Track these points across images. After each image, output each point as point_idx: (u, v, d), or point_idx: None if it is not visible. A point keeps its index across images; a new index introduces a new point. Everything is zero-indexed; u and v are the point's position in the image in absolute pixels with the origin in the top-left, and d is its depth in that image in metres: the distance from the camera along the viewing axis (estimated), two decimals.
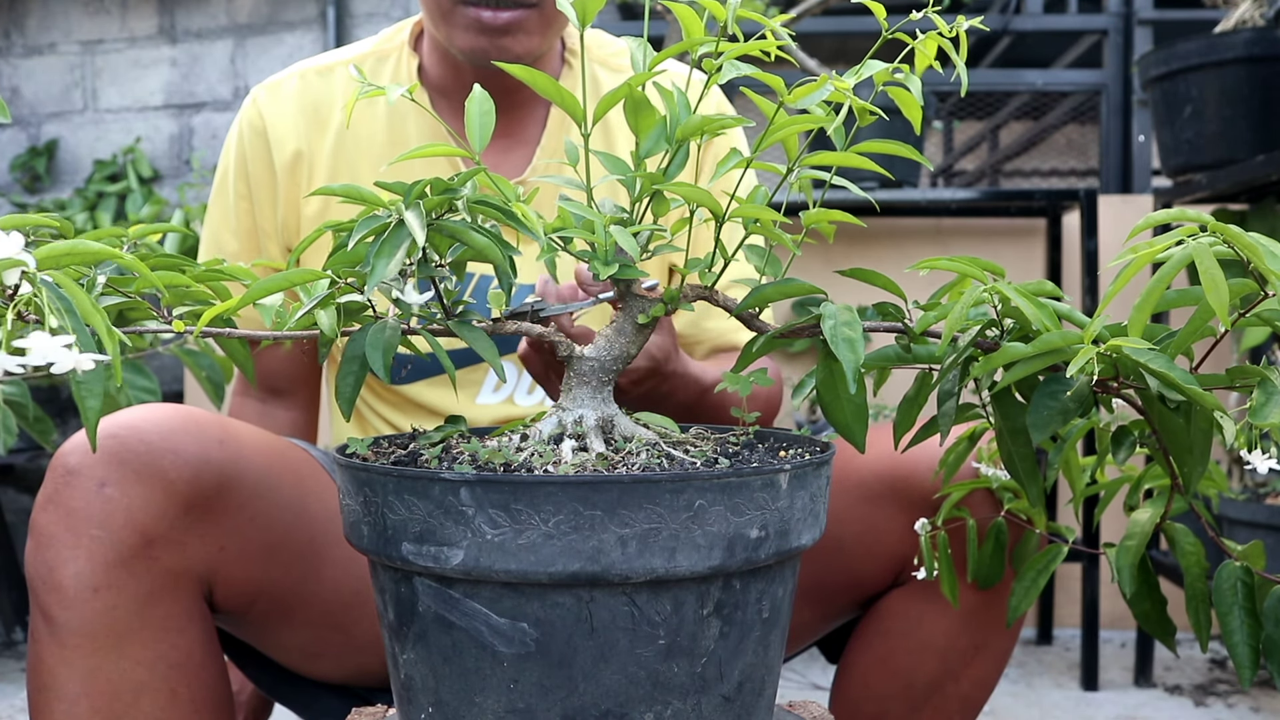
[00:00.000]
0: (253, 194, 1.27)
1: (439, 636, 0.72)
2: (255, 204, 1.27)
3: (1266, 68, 2.14)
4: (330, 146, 1.26)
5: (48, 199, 3.33)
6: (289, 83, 1.28)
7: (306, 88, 1.27)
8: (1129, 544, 0.87)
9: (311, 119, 1.26)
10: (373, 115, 1.26)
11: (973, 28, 0.76)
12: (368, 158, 1.25)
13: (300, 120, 1.26)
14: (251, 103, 1.28)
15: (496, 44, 1.16)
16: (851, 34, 3.30)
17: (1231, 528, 2.00)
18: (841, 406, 0.75)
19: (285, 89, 1.28)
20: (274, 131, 1.26)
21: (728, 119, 0.72)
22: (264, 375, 1.35)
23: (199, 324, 0.73)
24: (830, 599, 1.17)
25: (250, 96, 1.29)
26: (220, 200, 1.30)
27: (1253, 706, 2.18)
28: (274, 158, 1.26)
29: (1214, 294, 0.63)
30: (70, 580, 0.90)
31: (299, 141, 1.26)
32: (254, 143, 1.27)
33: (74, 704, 0.91)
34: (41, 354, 0.56)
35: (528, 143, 1.28)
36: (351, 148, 1.25)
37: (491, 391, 1.25)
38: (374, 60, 1.29)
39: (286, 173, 1.26)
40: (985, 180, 4.57)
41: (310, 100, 1.27)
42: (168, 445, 0.93)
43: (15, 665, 2.58)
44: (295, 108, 1.27)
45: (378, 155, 1.25)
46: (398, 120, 1.25)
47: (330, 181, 1.25)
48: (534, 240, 0.72)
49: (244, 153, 1.28)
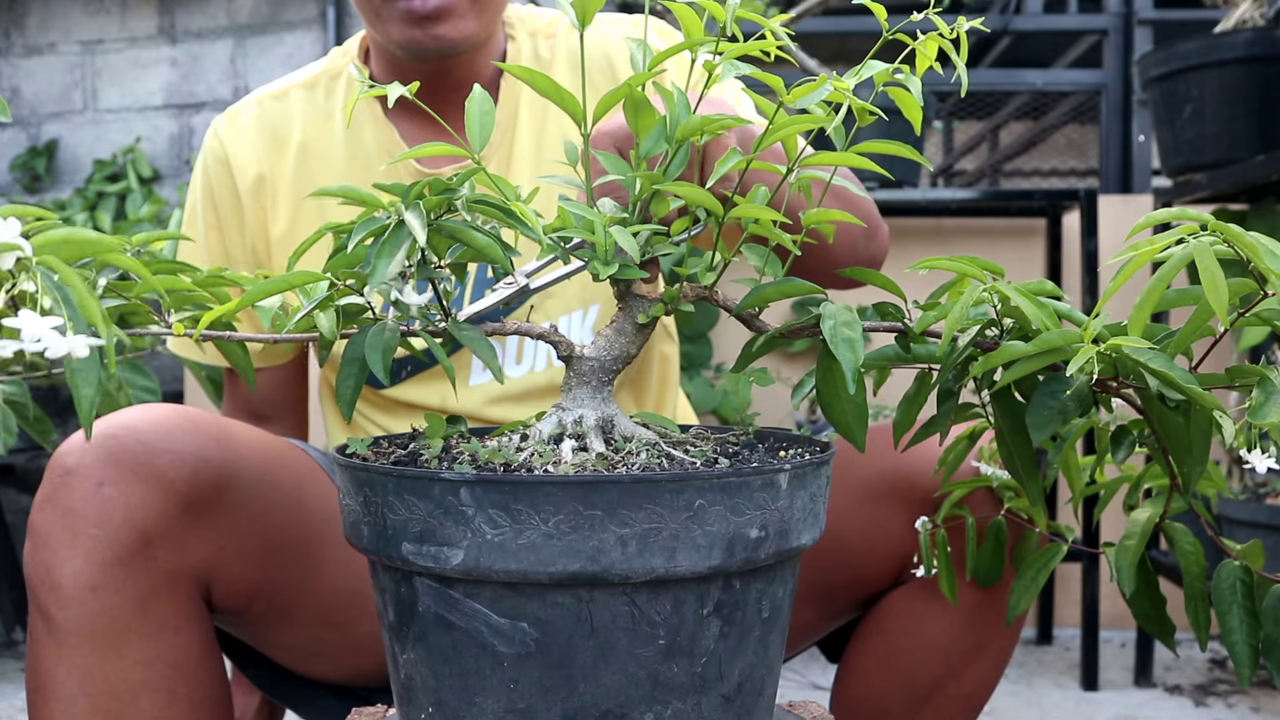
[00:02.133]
0: (221, 223, 1.29)
1: (439, 636, 0.72)
2: (224, 232, 1.29)
3: (1266, 68, 2.14)
4: (291, 167, 1.26)
5: (48, 199, 3.33)
6: (246, 110, 1.30)
7: (264, 113, 1.29)
8: (1128, 544, 0.87)
9: (270, 143, 1.27)
10: (330, 131, 1.26)
11: (973, 28, 0.76)
12: (329, 173, 1.26)
13: (260, 145, 1.27)
14: (213, 134, 1.30)
15: (430, 33, 1.16)
16: (851, 34, 3.30)
17: (1232, 527, 2.00)
18: (841, 406, 0.75)
19: (243, 117, 1.29)
20: (235, 159, 1.27)
21: (728, 119, 0.72)
22: (249, 401, 1.35)
23: (199, 327, 0.73)
24: (831, 598, 1.17)
25: (210, 129, 1.31)
26: (190, 231, 1.31)
27: (1253, 706, 2.18)
28: (237, 183, 1.27)
29: (1214, 294, 0.63)
30: (68, 580, 0.90)
31: (260, 165, 1.27)
32: (217, 171, 1.28)
33: (72, 703, 0.91)
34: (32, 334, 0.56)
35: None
36: (313, 166, 1.26)
37: (481, 371, 1.25)
38: (327, 79, 1.30)
39: (250, 197, 1.27)
40: (985, 180, 4.57)
41: (268, 125, 1.28)
42: (165, 445, 0.93)
43: (15, 665, 2.58)
44: (254, 133, 1.28)
45: (338, 170, 1.26)
46: (354, 133, 1.25)
47: (294, 200, 1.26)
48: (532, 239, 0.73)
49: (209, 183, 1.29)
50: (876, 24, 0.74)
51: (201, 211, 1.29)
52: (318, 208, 1.24)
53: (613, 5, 3.37)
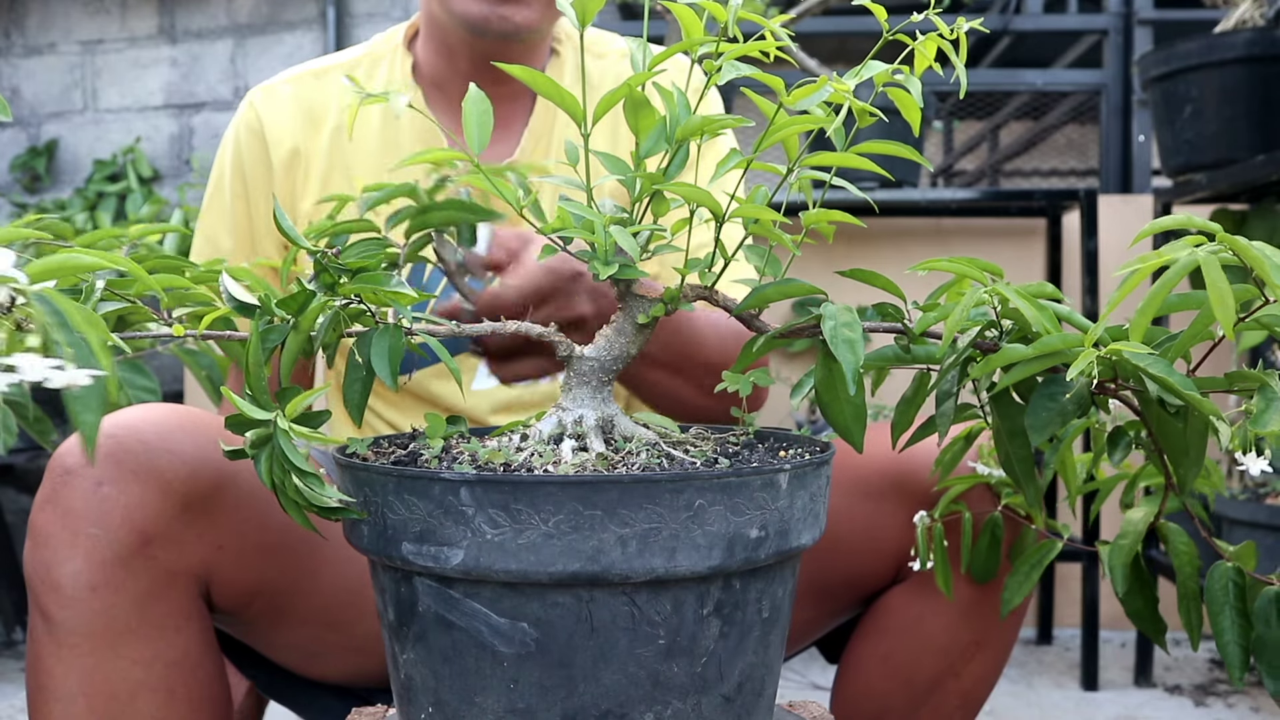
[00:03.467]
0: (249, 193, 1.30)
1: (439, 636, 0.72)
2: (251, 204, 1.30)
3: (1266, 68, 2.14)
4: (325, 146, 1.28)
5: (48, 199, 3.33)
6: (284, 86, 1.32)
7: (302, 90, 1.31)
8: (1122, 543, 0.87)
9: (307, 119, 1.30)
10: (367, 115, 1.29)
11: (972, 28, 0.76)
12: (362, 156, 1.28)
13: (296, 120, 1.29)
14: (248, 105, 1.32)
15: (498, 12, 1.19)
16: (851, 34, 3.30)
17: (1230, 527, 2.00)
18: (840, 407, 0.75)
19: (281, 92, 1.31)
20: (271, 132, 1.29)
21: (728, 119, 0.72)
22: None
23: (200, 326, 0.73)
24: (831, 596, 1.17)
25: (246, 100, 1.33)
26: (216, 201, 1.33)
27: (1253, 706, 2.18)
28: (271, 156, 1.29)
29: (1220, 307, 0.63)
30: (68, 579, 0.90)
31: (295, 140, 1.29)
32: (250, 143, 1.30)
33: (71, 703, 0.91)
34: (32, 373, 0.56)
35: (514, 127, 1.31)
36: (346, 147, 1.28)
37: (487, 375, 1.25)
38: (368, 63, 1.32)
39: (283, 170, 1.29)
40: (985, 180, 4.57)
41: (305, 102, 1.30)
42: (165, 445, 0.93)
43: (15, 665, 2.58)
44: (292, 109, 1.30)
45: (372, 154, 1.28)
46: (391, 118, 1.27)
47: (325, 179, 1.28)
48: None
49: (240, 153, 1.31)
50: (876, 24, 0.74)
51: (230, 181, 1.31)
52: (347, 186, 1.27)
53: (613, 5, 3.36)
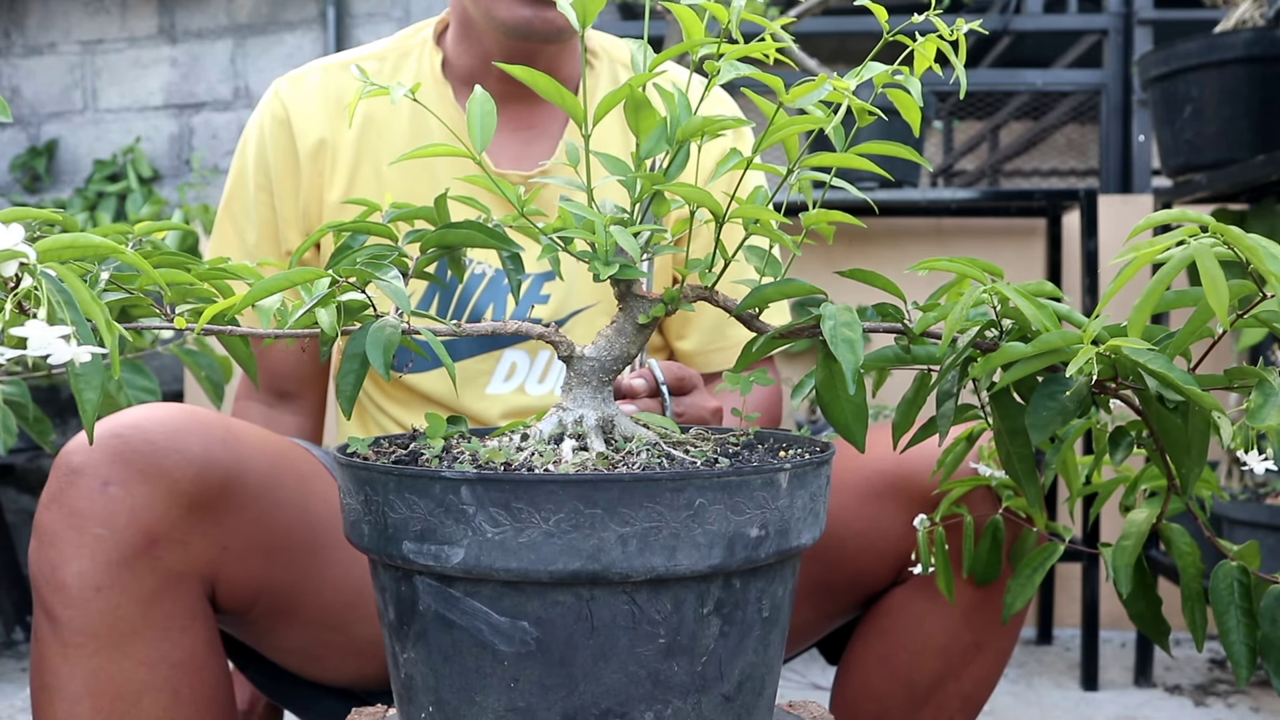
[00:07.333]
0: (272, 185, 1.30)
1: (439, 635, 0.72)
2: (275, 195, 1.30)
3: (1266, 68, 2.15)
4: (353, 136, 1.28)
5: (48, 199, 3.34)
6: (311, 76, 1.31)
7: (329, 80, 1.30)
8: (1125, 544, 0.87)
9: (334, 110, 1.29)
10: (396, 106, 1.27)
11: (972, 29, 0.76)
12: (390, 148, 1.27)
13: (323, 110, 1.29)
14: (274, 95, 1.31)
15: (540, 14, 1.17)
16: (851, 34, 3.30)
17: (1231, 528, 2.01)
18: (841, 407, 0.76)
19: (308, 81, 1.31)
20: (297, 121, 1.29)
21: (728, 119, 0.73)
22: (271, 376, 1.36)
23: (200, 321, 0.73)
24: (831, 597, 1.17)
25: (272, 89, 1.32)
26: (239, 195, 1.32)
27: (1253, 706, 2.18)
28: (297, 145, 1.28)
29: (1215, 296, 0.63)
30: (73, 579, 0.90)
31: (322, 130, 1.28)
32: (276, 132, 1.29)
33: (76, 703, 0.91)
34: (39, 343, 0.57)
35: (551, 132, 1.30)
36: (374, 138, 1.27)
37: (503, 380, 1.25)
38: (396, 56, 1.31)
39: (310, 160, 1.28)
40: (985, 180, 4.57)
41: (333, 92, 1.29)
42: (172, 445, 0.93)
43: (15, 665, 2.58)
44: (319, 99, 1.29)
45: (400, 146, 1.27)
46: (421, 111, 1.26)
47: (354, 171, 1.28)
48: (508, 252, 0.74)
49: (264, 144, 1.30)
50: (876, 24, 0.75)
51: (253, 173, 1.31)
52: (375, 178, 1.26)
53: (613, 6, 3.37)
